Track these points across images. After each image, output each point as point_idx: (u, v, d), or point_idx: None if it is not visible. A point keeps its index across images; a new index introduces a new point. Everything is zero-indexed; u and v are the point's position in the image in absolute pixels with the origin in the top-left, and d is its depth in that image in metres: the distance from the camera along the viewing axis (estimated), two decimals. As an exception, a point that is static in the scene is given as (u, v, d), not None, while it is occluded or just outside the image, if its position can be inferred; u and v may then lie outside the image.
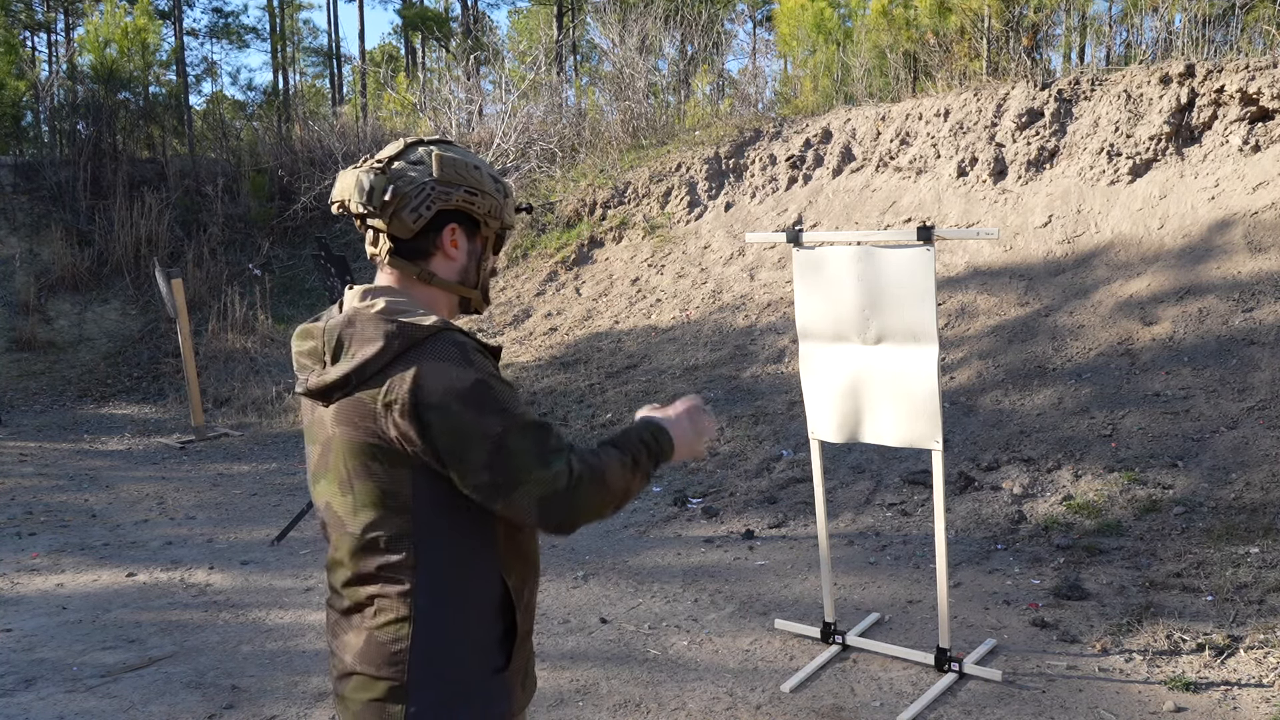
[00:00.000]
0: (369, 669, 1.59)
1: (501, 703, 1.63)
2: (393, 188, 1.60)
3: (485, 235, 1.73)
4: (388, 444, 1.52)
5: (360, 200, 1.60)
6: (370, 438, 1.53)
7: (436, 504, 1.55)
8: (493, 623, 1.62)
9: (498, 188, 1.71)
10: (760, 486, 6.43)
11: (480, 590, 1.60)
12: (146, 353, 12.21)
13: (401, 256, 1.65)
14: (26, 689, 4.01)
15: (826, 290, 3.88)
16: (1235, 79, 7.36)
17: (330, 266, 6.14)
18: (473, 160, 1.68)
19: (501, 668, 1.63)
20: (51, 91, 15.98)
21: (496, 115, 14.26)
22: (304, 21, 35.09)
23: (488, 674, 1.61)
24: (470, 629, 1.60)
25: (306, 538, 6.22)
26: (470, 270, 1.71)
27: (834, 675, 3.92)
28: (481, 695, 1.61)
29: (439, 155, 1.63)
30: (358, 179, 1.61)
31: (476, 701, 1.60)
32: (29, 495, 7.49)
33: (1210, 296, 6.46)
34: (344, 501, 1.58)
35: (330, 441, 1.58)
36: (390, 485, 1.54)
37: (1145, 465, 5.45)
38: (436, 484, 1.54)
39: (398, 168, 1.62)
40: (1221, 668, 3.77)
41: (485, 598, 1.61)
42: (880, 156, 9.46)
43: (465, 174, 1.65)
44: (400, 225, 1.61)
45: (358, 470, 1.55)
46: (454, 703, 1.59)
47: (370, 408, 1.52)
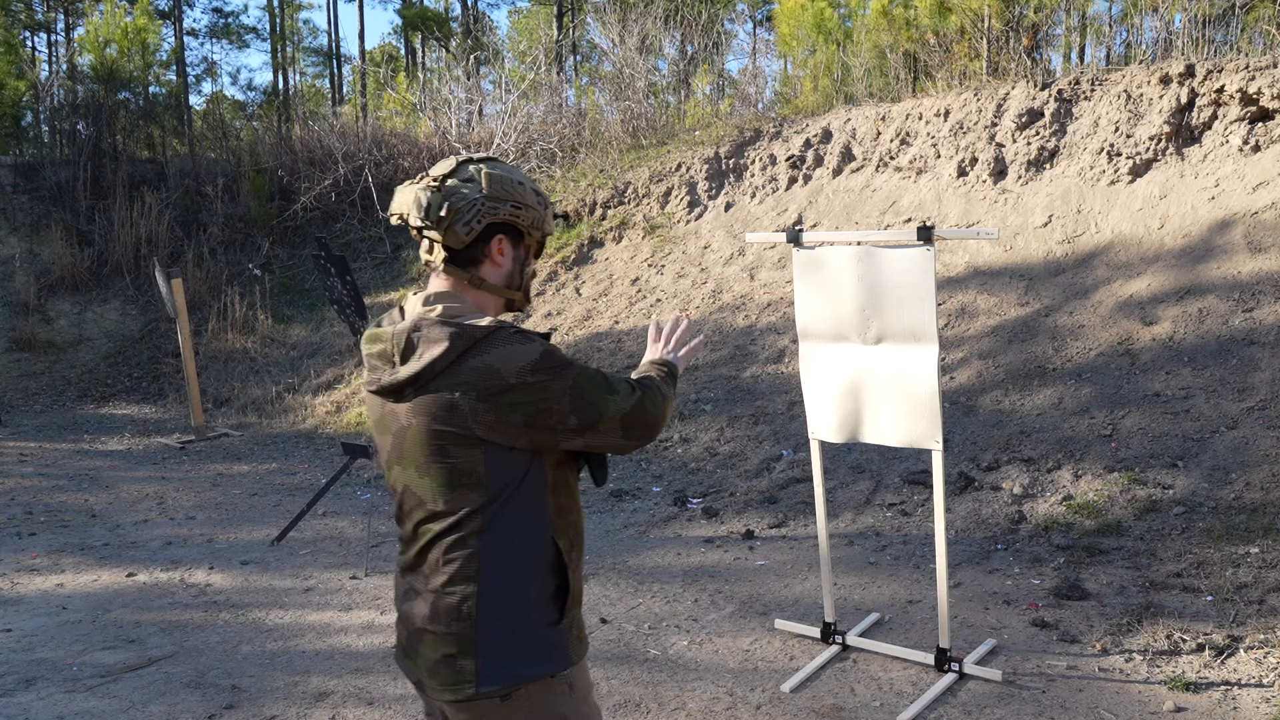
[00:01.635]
0: (439, 627, 1.79)
1: (559, 652, 1.82)
2: (447, 204, 1.79)
3: (528, 244, 1.92)
4: (464, 430, 1.72)
5: (419, 215, 1.80)
6: (447, 426, 1.73)
7: (504, 479, 1.76)
8: (547, 581, 1.81)
9: (539, 200, 1.89)
10: (760, 486, 6.43)
11: (537, 553, 1.80)
12: (146, 353, 12.21)
13: (455, 264, 1.84)
14: (26, 689, 4.01)
15: (826, 290, 3.88)
16: (1235, 79, 7.36)
17: (330, 266, 6.14)
18: (517, 176, 1.86)
19: (557, 621, 1.82)
20: (51, 91, 15.98)
21: (496, 115, 14.26)
22: (304, 21, 35.11)
23: (545, 627, 1.80)
24: (529, 587, 1.79)
25: (306, 538, 6.22)
26: (515, 275, 1.91)
27: (834, 675, 3.92)
28: (541, 646, 1.80)
29: (488, 173, 1.82)
30: (416, 196, 1.81)
31: (537, 652, 1.79)
32: (29, 495, 7.49)
33: (1210, 296, 6.46)
34: (422, 483, 1.79)
35: (405, 432, 1.78)
36: (465, 465, 1.74)
37: (1145, 465, 5.46)
38: (505, 461, 1.75)
39: (451, 185, 1.81)
40: (1221, 668, 3.77)
41: (541, 559, 1.81)
42: (880, 156, 9.46)
43: (511, 190, 1.83)
44: (454, 237, 1.81)
45: (434, 454, 1.75)
46: (516, 653, 1.78)
47: (448, 399, 1.72)
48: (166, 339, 11.99)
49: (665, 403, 1.91)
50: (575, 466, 1.90)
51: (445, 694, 1.79)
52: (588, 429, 1.78)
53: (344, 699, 3.87)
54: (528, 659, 1.78)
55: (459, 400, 1.71)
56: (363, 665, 4.19)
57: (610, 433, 1.80)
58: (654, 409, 1.87)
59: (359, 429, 9.19)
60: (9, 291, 12.54)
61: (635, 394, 1.84)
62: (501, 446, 1.74)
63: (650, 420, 1.85)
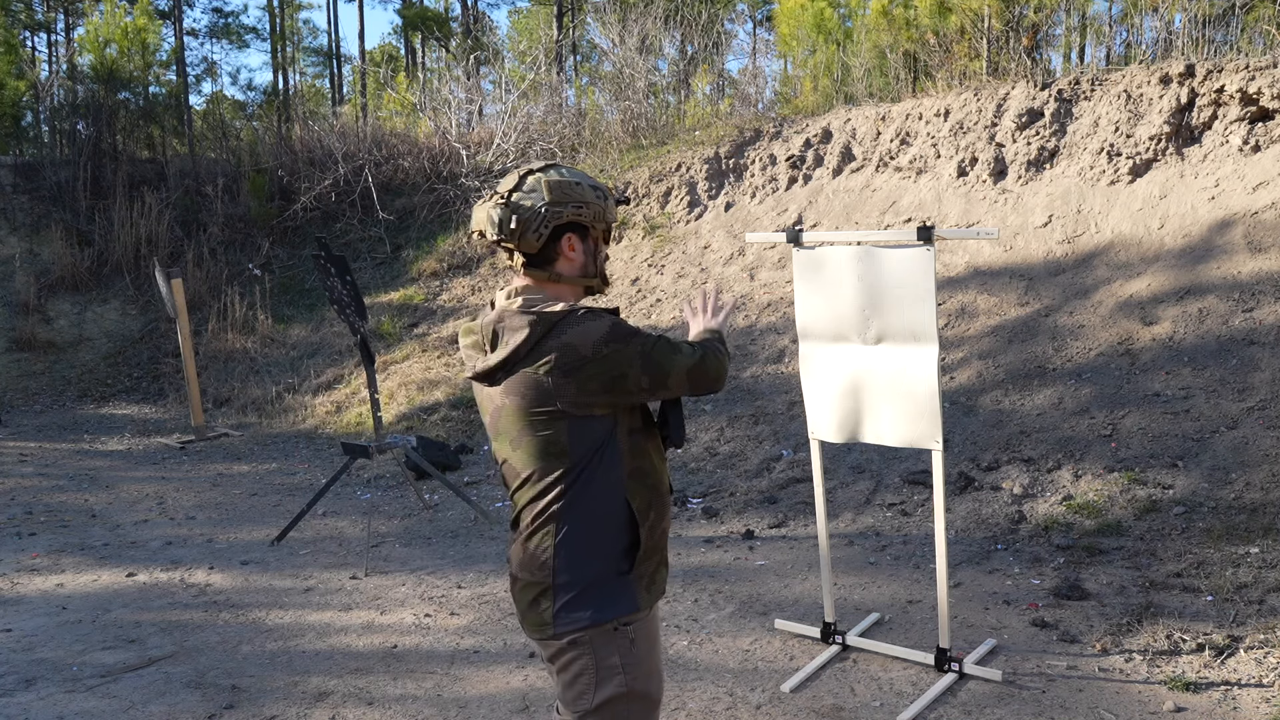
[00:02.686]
0: (525, 574, 2.06)
1: (627, 599, 2.04)
2: (516, 217, 2.00)
3: (594, 235, 2.11)
4: (549, 405, 1.95)
5: (494, 231, 2.03)
6: (534, 404, 1.96)
7: (585, 448, 1.99)
8: (619, 536, 2.03)
9: (598, 195, 2.07)
10: (760, 486, 6.43)
11: (611, 513, 2.02)
12: (146, 353, 12.21)
13: (533, 266, 2.06)
14: (26, 689, 4.01)
15: (826, 290, 3.88)
16: (1235, 79, 7.36)
17: (330, 266, 6.14)
18: (574, 177, 2.05)
19: (627, 571, 2.04)
20: (51, 91, 15.97)
21: (496, 115, 14.26)
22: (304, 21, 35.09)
23: (614, 576, 2.03)
24: (601, 541, 2.02)
25: (306, 538, 6.22)
26: (589, 264, 2.11)
27: (834, 675, 3.92)
28: (610, 593, 2.02)
29: (547, 181, 2.01)
30: (488, 214, 2.04)
31: (606, 597, 2.02)
32: (29, 495, 7.49)
33: (1210, 296, 6.46)
34: (516, 455, 2.03)
35: (500, 411, 2.03)
36: (551, 436, 1.98)
37: (1145, 465, 5.46)
38: (585, 432, 1.98)
39: (516, 199, 2.01)
40: (1221, 668, 3.77)
41: (614, 518, 2.02)
42: (880, 156, 9.46)
43: (570, 192, 2.03)
44: (527, 244, 2.03)
45: (525, 429, 1.99)
46: (587, 598, 2.01)
47: (533, 378, 1.95)
48: (166, 339, 11.99)
49: (723, 359, 2.13)
50: (652, 433, 2.11)
51: (533, 632, 2.07)
52: (660, 386, 2.02)
53: (344, 699, 3.87)
54: (595, 605, 2.01)
55: (543, 378, 1.94)
56: (363, 665, 4.19)
57: (679, 387, 2.04)
58: (715, 364, 2.10)
59: (359, 429, 9.19)
60: (9, 291, 12.54)
61: (697, 352, 2.07)
62: (581, 418, 1.97)
63: (713, 373, 2.09)
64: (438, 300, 11.23)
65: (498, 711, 3.71)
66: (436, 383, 9.49)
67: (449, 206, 12.67)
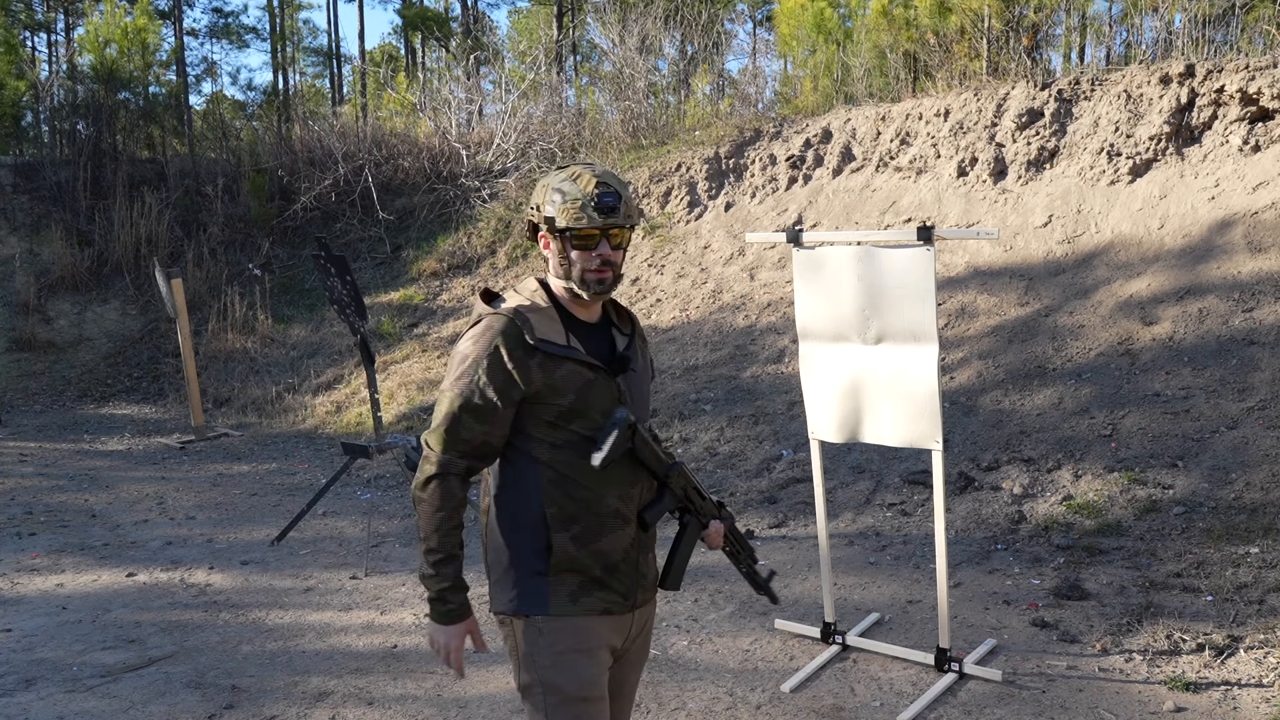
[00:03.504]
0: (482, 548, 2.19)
1: (538, 598, 2.08)
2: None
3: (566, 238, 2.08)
4: None
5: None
6: None
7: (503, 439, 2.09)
8: (533, 535, 2.08)
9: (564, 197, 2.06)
10: (760, 486, 6.43)
11: (525, 509, 2.08)
12: (146, 353, 12.21)
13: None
14: (26, 689, 4.01)
15: (826, 290, 3.88)
16: (1235, 79, 7.36)
17: (330, 266, 6.14)
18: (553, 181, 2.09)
19: (543, 572, 2.07)
20: (51, 91, 15.97)
21: (496, 115, 14.25)
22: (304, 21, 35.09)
23: (530, 573, 2.08)
24: (517, 534, 2.09)
25: (306, 538, 6.22)
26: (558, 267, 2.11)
27: (834, 675, 3.92)
28: (525, 587, 2.08)
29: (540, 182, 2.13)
30: None
31: (521, 590, 2.08)
32: (29, 495, 7.49)
33: (1210, 296, 6.46)
34: None
35: None
36: None
37: (1145, 465, 5.46)
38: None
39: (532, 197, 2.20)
40: (1221, 668, 3.77)
41: (528, 516, 2.08)
42: (880, 156, 9.46)
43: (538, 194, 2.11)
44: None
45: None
46: (507, 584, 2.10)
47: None
48: (166, 339, 11.98)
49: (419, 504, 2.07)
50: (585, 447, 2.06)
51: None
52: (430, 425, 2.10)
53: (344, 699, 3.87)
54: (509, 595, 2.09)
55: None
56: (363, 665, 4.19)
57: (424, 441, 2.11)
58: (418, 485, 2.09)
59: (359, 429, 9.19)
60: (9, 291, 12.54)
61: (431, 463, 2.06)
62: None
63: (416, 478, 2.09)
64: (438, 300, 11.23)
65: (498, 711, 3.71)
66: (437, 383, 9.48)
67: (449, 206, 12.67)
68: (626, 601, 2.15)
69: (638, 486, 2.15)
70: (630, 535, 2.14)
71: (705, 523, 2.31)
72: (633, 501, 2.15)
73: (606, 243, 2.07)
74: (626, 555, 2.14)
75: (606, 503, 2.10)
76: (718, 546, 2.40)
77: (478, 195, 12.55)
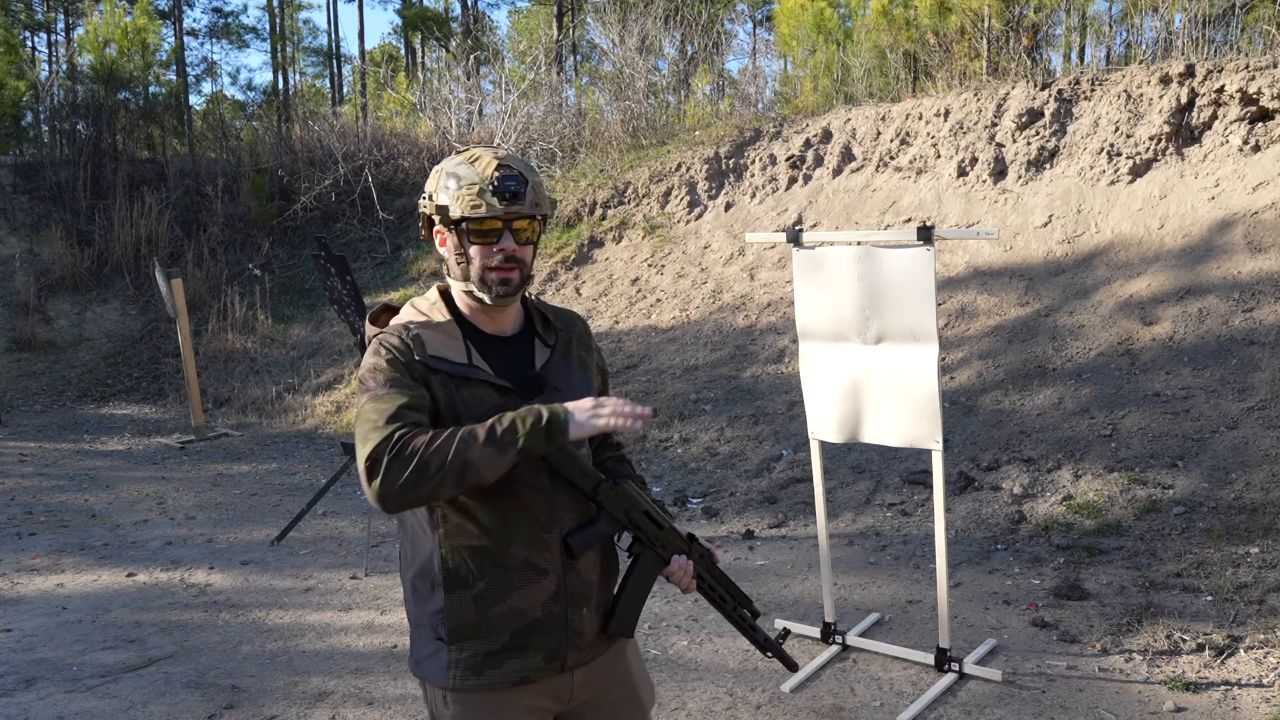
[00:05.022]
0: None
1: (436, 668, 1.79)
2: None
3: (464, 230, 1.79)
4: None
5: None
6: None
7: None
8: (430, 594, 1.79)
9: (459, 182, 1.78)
10: (760, 486, 6.43)
11: (419, 563, 1.80)
12: (146, 353, 12.21)
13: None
14: (26, 689, 4.01)
15: (826, 290, 3.88)
16: (1235, 79, 7.36)
17: (330, 266, 6.14)
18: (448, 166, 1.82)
19: (442, 638, 1.78)
20: (51, 91, 15.97)
21: (496, 115, 14.25)
22: (304, 21, 35.09)
23: (432, 638, 1.80)
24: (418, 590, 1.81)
25: (306, 538, 6.22)
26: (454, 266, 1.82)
27: (834, 675, 3.92)
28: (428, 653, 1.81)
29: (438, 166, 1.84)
30: None
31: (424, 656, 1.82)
32: (29, 495, 7.49)
33: (1210, 296, 6.46)
34: None
35: None
36: None
37: (1145, 465, 5.46)
38: None
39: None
40: (1221, 668, 3.77)
41: (425, 569, 1.79)
42: (880, 156, 9.46)
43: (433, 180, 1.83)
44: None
45: None
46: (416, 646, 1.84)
47: None
48: (166, 339, 11.98)
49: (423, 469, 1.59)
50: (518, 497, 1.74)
51: None
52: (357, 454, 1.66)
53: (344, 699, 3.87)
54: (415, 656, 1.84)
55: None
56: (363, 665, 4.19)
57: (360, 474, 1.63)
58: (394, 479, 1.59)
59: (359, 429, 9.18)
60: (9, 291, 12.54)
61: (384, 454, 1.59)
62: None
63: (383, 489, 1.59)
64: (438, 300, 11.21)
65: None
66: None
67: (449, 206, 12.65)
68: (551, 665, 1.80)
69: (555, 530, 1.78)
70: (550, 587, 1.78)
71: (665, 557, 1.91)
72: (548, 549, 1.78)
73: (511, 236, 1.76)
74: (548, 611, 1.78)
75: (513, 552, 1.75)
76: (689, 589, 1.95)
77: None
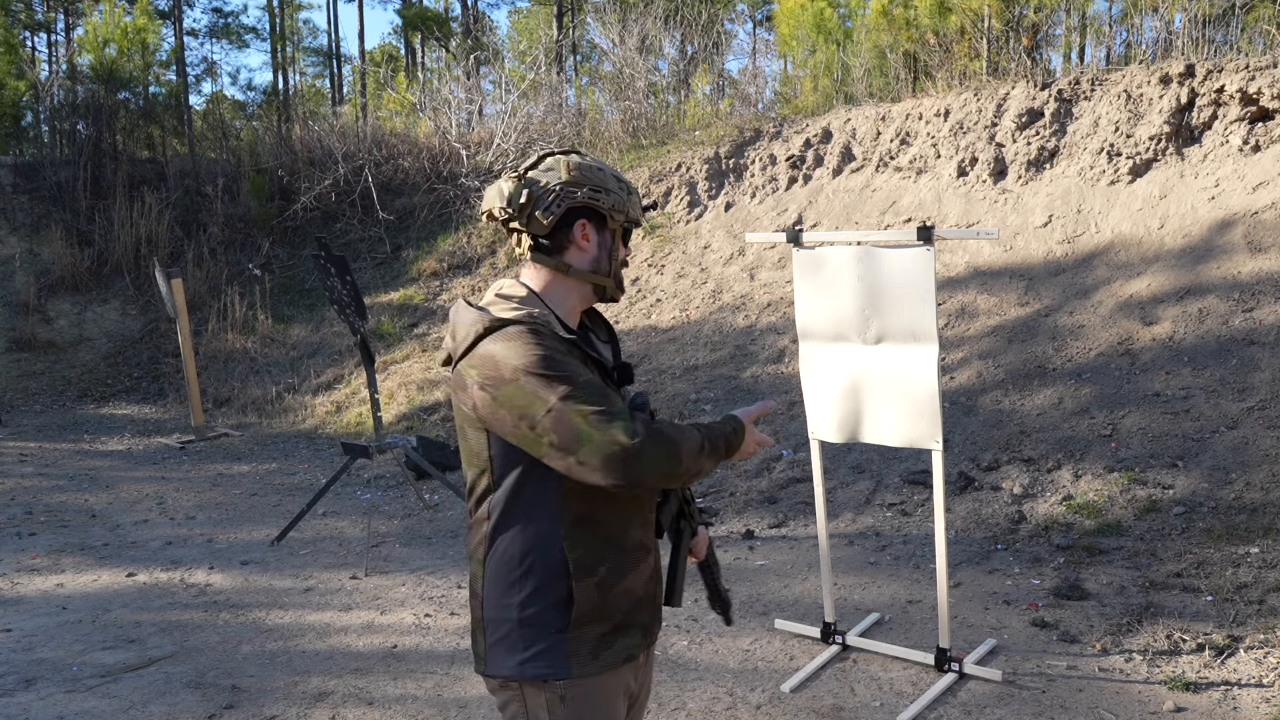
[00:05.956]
0: (470, 597, 1.86)
1: (556, 660, 1.76)
2: (527, 191, 1.80)
3: (612, 228, 1.88)
4: (471, 410, 1.76)
5: (501, 205, 1.82)
6: (461, 404, 1.79)
7: (506, 469, 1.76)
8: (549, 586, 1.76)
9: (620, 185, 1.88)
10: (760, 486, 6.43)
11: (539, 555, 1.76)
12: (146, 353, 12.21)
13: (541, 252, 1.84)
14: (26, 689, 4.01)
15: (826, 290, 3.88)
16: (1235, 79, 7.36)
17: (330, 266, 6.14)
18: (597, 164, 1.87)
19: (561, 629, 1.76)
20: (51, 91, 15.96)
21: (496, 115, 14.25)
22: (304, 21, 35.10)
23: (546, 632, 1.77)
24: (526, 585, 1.77)
25: (306, 538, 6.22)
26: (602, 260, 1.88)
27: (834, 675, 3.92)
28: (539, 648, 1.77)
29: (567, 161, 1.85)
30: (499, 188, 1.83)
31: (534, 651, 1.77)
32: (29, 495, 7.49)
33: (1210, 296, 6.46)
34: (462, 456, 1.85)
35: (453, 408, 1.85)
36: (475, 446, 1.79)
37: (1145, 465, 5.46)
38: (508, 451, 1.75)
39: (531, 175, 1.83)
40: (1221, 668, 3.77)
41: (543, 563, 1.76)
42: (880, 156, 9.46)
43: (590, 175, 1.84)
44: (536, 224, 1.81)
45: (460, 431, 1.83)
46: (513, 643, 1.78)
47: (463, 379, 1.76)
48: (166, 339, 11.99)
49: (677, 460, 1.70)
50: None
51: (475, 662, 1.87)
52: (567, 452, 1.64)
53: (344, 699, 3.87)
54: (521, 655, 1.77)
55: (470, 382, 1.74)
56: (363, 665, 4.19)
57: (589, 469, 1.63)
58: (654, 461, 1.66)
59: (359, 429, 9.19)
60: (9, 291, 12.54)
61: (637, 437, 1.63)
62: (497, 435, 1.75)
63: (641, 472, 1.64)
64: (438, 300, 11.22)
65: (497, 712, 3.71)
66: (436, 383, 9.48)
67: (449, 206, 12.67)
68: (647, 639, 1.90)
69: (652, 509, 1.91)
70: (651, 565, 1.89)
71: (695, 530, 2.10)
72: (650, 527, 1.91)
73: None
74: (647, 589, 1.88)
75: (631, 535, 1.83)
76: (701, 556, 2.15)
77: (478, 195, 12.54)
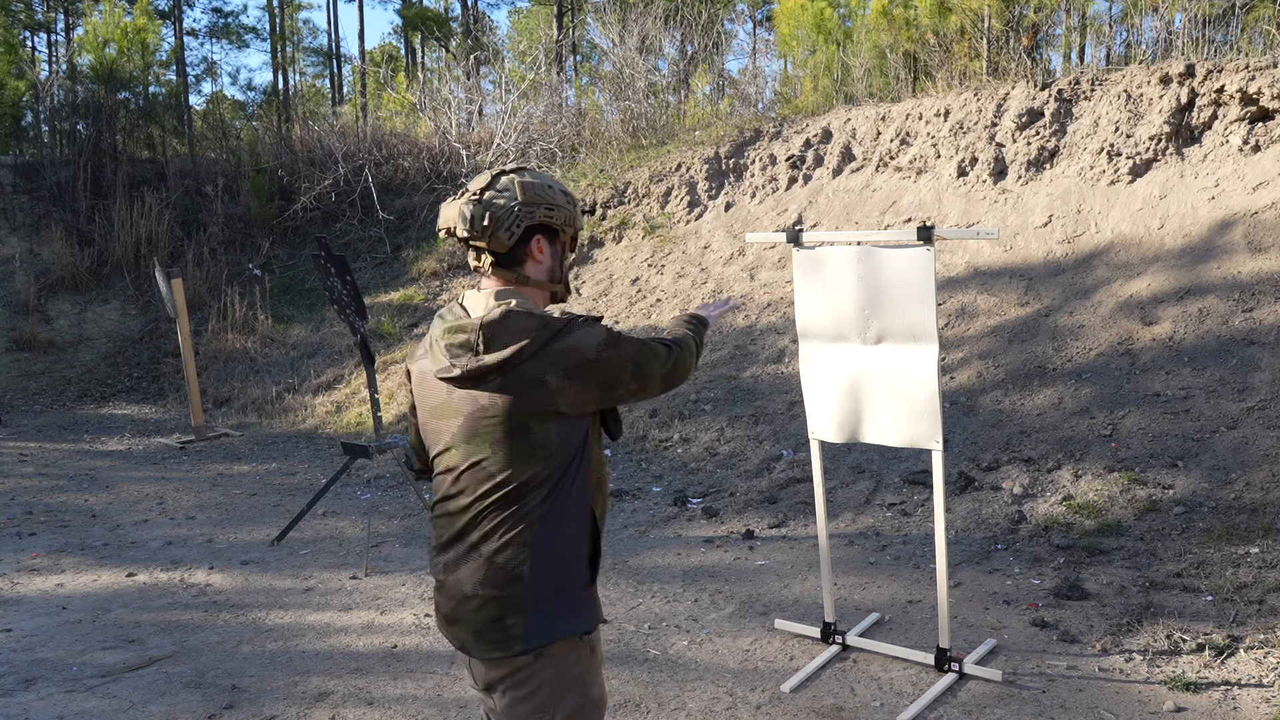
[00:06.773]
0: (492, 591, 1.97)
1: (590, 612, 2.04)
2: (488, 214, 1.99)
3: (563, 240, 2.12)
4: (548, 405, 1.93)
5: (465, 228, 2.00)
6: (532, 404, 1.93)
7: (568, 452, 1.97)
8: (584, 545, 2.02)
9: (568, 200, 2.09)
10: (760, 486, 6.43)
11: (580, 520, 2.01)
12: (146, 353, 12.21)
13: (501, 266, 2.05)
14: (26, 689, 4.01)
15: (826, 290, 3.88)
16: (1235, 79, 7.36)
17: (330, 266, 6.14)
18: (547, 181, 2.07)
19: (588, 583, 2.04)
20: (51, 91, 15.97)
21: (496, 115, 14.25)
22: (304, 21, 35.09)
23: (580, 588, 2.02)
24: (571, 550, 2.00)
25: (306, 538, 6.22)
26: (555, 269, 2.11)
27: (834, 675, 3.92)
28: (577, 605, 2.02)
29: (520, 182, 2.02)
30: (460, 210, 2.01)
31: (574, 611, 2.01)
32: (29, 495, 7.49)
33: (1210, 296, 6.46)
34: (496, 458, 1.95)
35: (483, 412, 1.95)
36: (541, 438, 1.94)
37: (1145, 465, 5.46)
38: (570, 434, 1.96)
39: (489, 197, 2.00)
40: (1221, 668, 3.77)
41: (582, 526, 2.02)
42: (880, 156, 9.46)
43: (543, 194, 2.03)
44: (498, 243, 2.01)
45: (515, 430, 1.94)
46: (558, 613, 1.98)
47: (536, 379, 1.92)
48: (166, 339, 11.98)
49: (692, 356, 2.23)
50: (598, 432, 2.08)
51: (493, 652, 1.98)
52: (643, 390, 2.06)
53: (344, 699, 3.87)
54: (566, 617, 1.99)
55: (548, 379, 1.92)
56: (363, 665, 4.19)
57: (656, 389, 2.09)
58: (684, 365, 2.18)
59: (359, 429, 9.19)
60: (9, 291, 12.54)
61: (671, 355, 2.12)
62: (570, 421, 1.96)
63: (682, 374, 2.18)
64: (438, 300, 11.23)
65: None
66: (436, 383, 9.47)
67: (449, 206, 12.65)
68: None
69: None
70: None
71: None
72: None
73: None
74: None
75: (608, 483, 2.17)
76: None
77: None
